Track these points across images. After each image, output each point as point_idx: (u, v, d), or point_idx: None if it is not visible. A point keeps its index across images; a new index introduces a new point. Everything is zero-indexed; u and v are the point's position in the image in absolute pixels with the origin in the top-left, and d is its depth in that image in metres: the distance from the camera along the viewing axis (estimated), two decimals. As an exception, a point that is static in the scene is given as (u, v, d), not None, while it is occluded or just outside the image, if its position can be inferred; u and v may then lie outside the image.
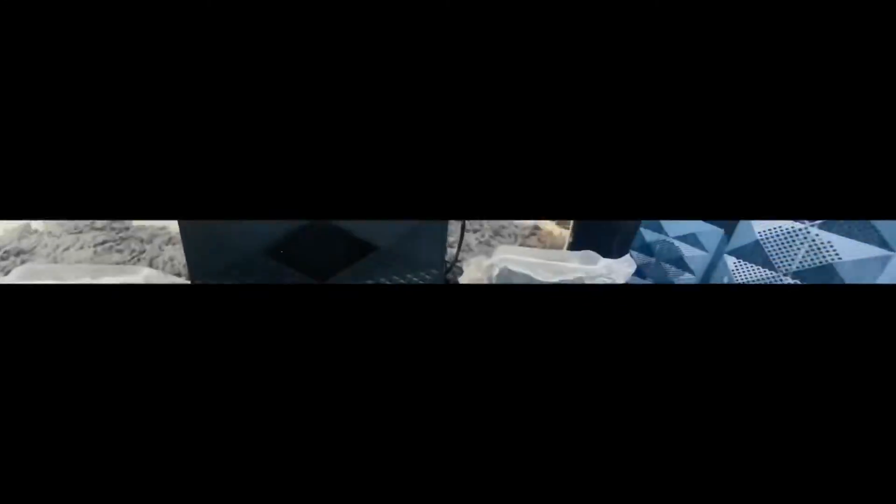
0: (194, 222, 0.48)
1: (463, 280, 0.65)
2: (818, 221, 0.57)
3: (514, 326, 0.41)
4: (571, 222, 0.74)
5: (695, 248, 0.65)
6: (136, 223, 0.90)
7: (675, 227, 0.65)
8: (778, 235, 0.60)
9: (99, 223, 0.89)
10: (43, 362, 0.37)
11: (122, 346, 0.38)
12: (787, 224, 0.59)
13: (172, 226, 0.90)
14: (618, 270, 0.62)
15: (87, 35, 0.38)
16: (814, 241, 0.58)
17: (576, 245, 0.74)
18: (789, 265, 0.61)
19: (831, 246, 0.58)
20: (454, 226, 0.68)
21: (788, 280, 0.61)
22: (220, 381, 0.38)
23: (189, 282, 0.53)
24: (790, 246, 0.60)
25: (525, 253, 0.63)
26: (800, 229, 0.58)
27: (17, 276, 0.57)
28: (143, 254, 0.85)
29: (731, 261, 0.64)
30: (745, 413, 0.38)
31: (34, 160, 0.39)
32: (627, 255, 0.62)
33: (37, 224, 0.89)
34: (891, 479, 0.36)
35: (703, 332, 0.40)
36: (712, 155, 0.41)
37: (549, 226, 0.97)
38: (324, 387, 0.39)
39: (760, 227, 0.60)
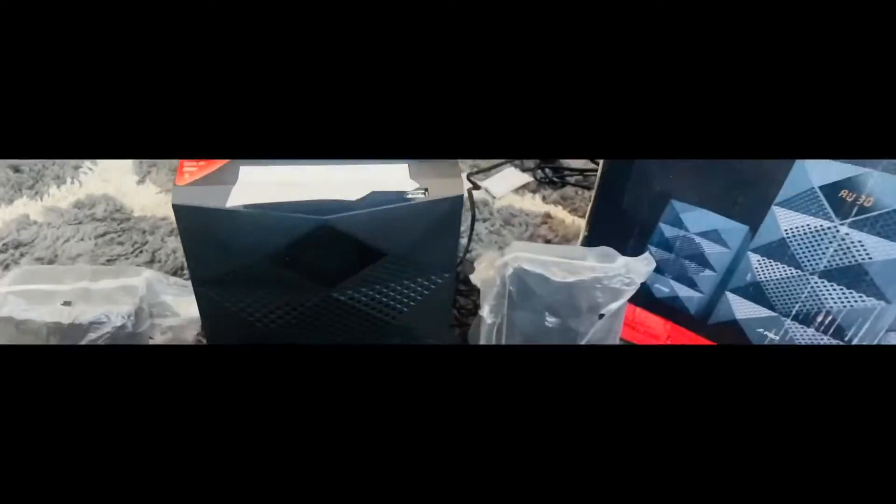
0: (193, 226, 0.46)
1: (474, 278, 0.63)
2: (848, 220, 0.54)
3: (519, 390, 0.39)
4: (587, 211, 0.71)
5: (717, 244, 0.62)
6: (137, 214, 0.88)
7: (695, 223, 0.63)
8: (805, 233, 0.57)
9: (99, 214, 0.87)
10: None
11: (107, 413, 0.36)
12: (815, 222, 0.56)
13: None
14: (636, 269, 0.59)
15: None
16: (843, 239, 0.55)
17: (591, 238, 0.71)
18: (816, 264, 0.58)
19: (861, 245, 0.55)
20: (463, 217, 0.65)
21: (815, 279, 0.59)
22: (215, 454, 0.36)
23: (189, 282, 0.51)
24: (818, 244, 0.57)
25: (539, 250, 0.61)
26: (829, 227, 0.56)
27: (12, 279, 0.55)
28: (145, 245, 0.83)
29: (754, 258, 0.61)
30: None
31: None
32: (646, 254, 0.60)
33: (35, 215, 0.87)
34: None
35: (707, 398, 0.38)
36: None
37: (561, 213, 0.94)
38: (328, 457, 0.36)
39: (787, 225, 0.57)
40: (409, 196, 0.45)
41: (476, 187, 0.94)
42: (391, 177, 0.46)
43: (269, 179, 0.45)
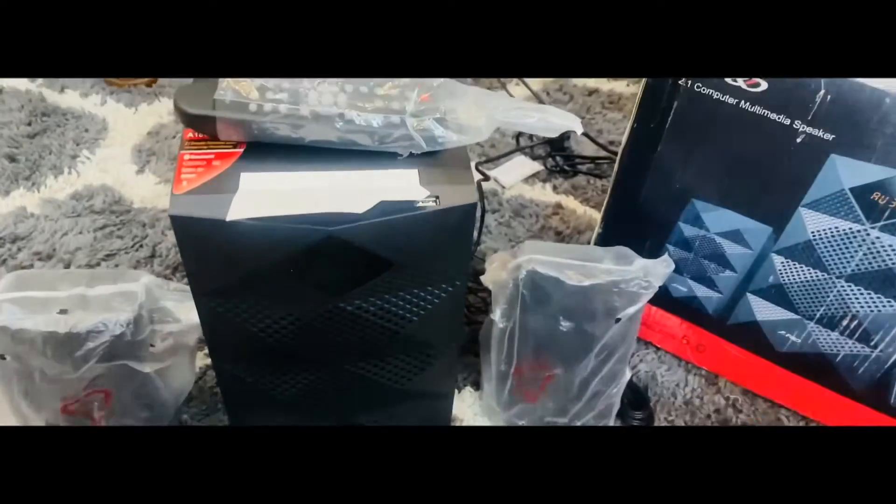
0: (192, 238, 0.43)
1: (485, 279, 0.61)
2: (879, 223, 0.52)
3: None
4: (603, 207, 0.69)
5: (738, 245, 0.60)
6: (136, 206, 0.86)
7: (717, 223, 0.60)
8: (833, 236, 0.54)
9: (98, 206, 0.84)
10: None
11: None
12: (844, 224, 0.53)
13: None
14: (655, 272, 0.57)
15: None
16: (873, 243, 0.53)
17: (605, 235, 0.68)
18: (843, 268, 0.55)
19: (892, 249, 0.53)
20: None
21: (842, 283, 0.56)
22: None
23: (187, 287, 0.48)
24: (846, 247, 0.54)
25: (553, 251, 0.58)
26: (858, 230, 0.53)
27: (5, 285, 0.52)
28: (145, 239, 0.81)
29: (778, 260, 0.59)
30: None
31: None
32: (665, 256, 0.57)
33: (32, 207, 0.84)
34: None
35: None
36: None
37: (572, 204, 0.91)
38: None
39: (814, 227, 0.55)
40: (420, 205, 0.43)
41: (485, 178, 0.92)
42: (400, 184, 0.44)
43: (271, 188, 0.43)
